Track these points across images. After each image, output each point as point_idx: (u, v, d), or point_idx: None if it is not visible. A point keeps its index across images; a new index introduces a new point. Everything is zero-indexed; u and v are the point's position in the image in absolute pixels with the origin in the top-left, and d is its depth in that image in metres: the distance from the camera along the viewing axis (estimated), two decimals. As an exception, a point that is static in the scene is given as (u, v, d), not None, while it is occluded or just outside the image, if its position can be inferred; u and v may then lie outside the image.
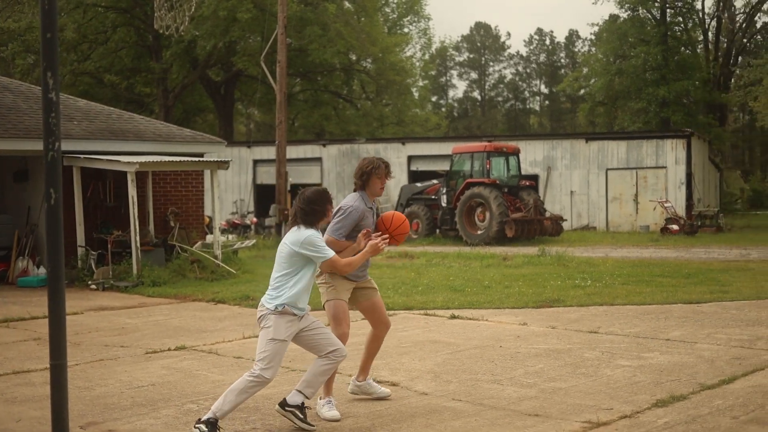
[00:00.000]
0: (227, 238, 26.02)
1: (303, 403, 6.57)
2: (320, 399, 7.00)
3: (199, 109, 55.81)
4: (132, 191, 16.72)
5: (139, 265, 16.73)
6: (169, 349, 10.06)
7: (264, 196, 39.18)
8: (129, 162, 16.60)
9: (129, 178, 16.75)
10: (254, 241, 24.42)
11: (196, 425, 6.27)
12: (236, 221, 33.71)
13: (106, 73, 47.04)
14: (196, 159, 18.61)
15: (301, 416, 6.54)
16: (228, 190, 40.17)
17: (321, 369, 6.62)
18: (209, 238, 20.05)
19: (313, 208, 6.52)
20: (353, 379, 7.59)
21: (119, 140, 18.50)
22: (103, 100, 37.75)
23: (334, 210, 6.96)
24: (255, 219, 34.75)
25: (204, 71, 47.99)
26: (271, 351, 6.41)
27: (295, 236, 6.47)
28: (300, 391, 6.58)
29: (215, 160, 18.56)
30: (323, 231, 6.84)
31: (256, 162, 40.67)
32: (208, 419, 6.26)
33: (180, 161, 17.98)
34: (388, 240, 6.80)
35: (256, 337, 10.67)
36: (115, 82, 48.03)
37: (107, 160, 17.08)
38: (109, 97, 45.87)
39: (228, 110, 51.69)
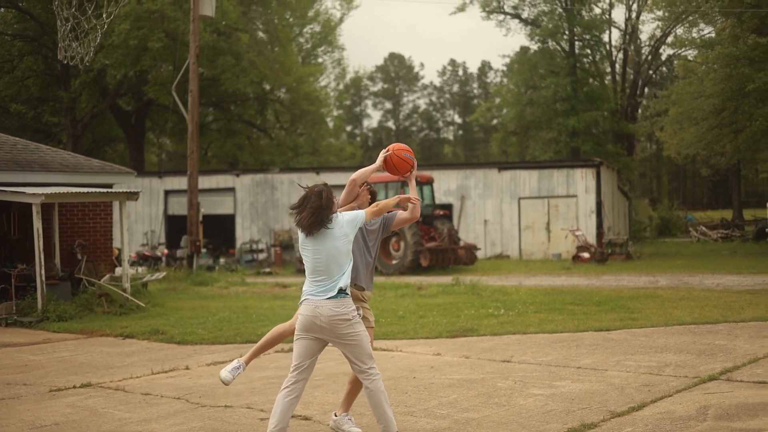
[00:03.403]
0: (137, 270, 25.51)
1: None
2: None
3: (109, 138, 54.75)
4: (37, 223, 16.25)
5: (44, 299, 16.25)
6: (74, 387, 9.75)
7: (175, 226, 38.58)
8: (34, 193, 16.15)
9: (34, 210, 16.28)
10: (165, 273, 24.01)
11: None
12: (147, 253, 33.12)
13: (12, 102, 45.88)
14: (105, 190, 18.22)
15: None
16: (138, 221, 39.48)
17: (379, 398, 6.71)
18: (118, 270, 19.61)
19: (330, 202, 6.65)
20: (333, 413, 7.52)
21: (24, 171, 18.02)
22: (9, 130, 36.72)
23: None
24: (166, 250, 34.19)
25: (114, 100, 47.15)
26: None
27: (341, 226, 6.62)
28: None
29: (124, 191, 18.19)
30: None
31: (167, 192, 40.08)
32: None
33: (87, 192, 17.57)
34: (389, 153, 7.13)
35: (165, 372, 10.50)
36: (22, 112, 46.87)
37: (11, 191, 16.59)
38: (16, 126, 44.68)
39: (139, 140, 50.86)
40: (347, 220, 6.63)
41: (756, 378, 9.09)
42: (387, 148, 7.22)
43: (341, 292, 6.52)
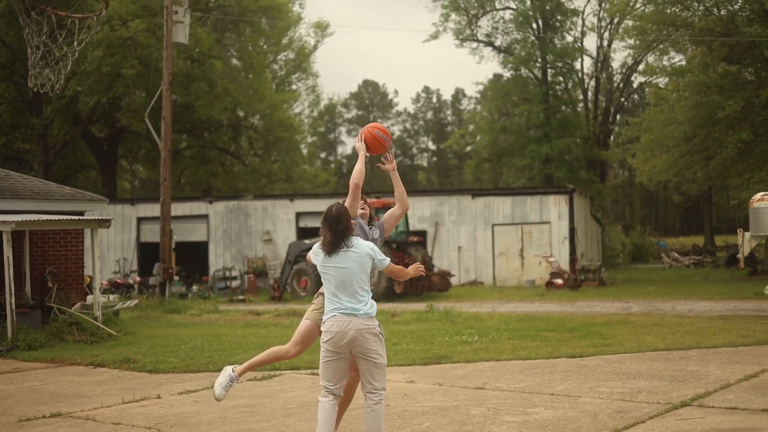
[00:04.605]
0: (108, 298, 25.25)
1: None
2: None
3: (81, 165, 54.45)
4: (7, 251, 16.09)
5: (14, 328, 16.07)
6: (44, 417, 9.63)
7: (148, 254, 38.31)
8: (4, 221, 16.01)
9: (4, 237, 16.12)
10: (137, 301, 23.82)
11: None
12: (119, 281, 32.84)
13: (-17, 129, 45.65)
14: (76, 217, 18.09)
15: None
16: (111, 248, 39.20)
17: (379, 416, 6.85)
18: (90, 298, 19.43)
19: (348, 222, 6.89)
20: None
21: (-6, 199, 17.86)
22: (-20, 157, 36.55)
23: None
24: (138, 278, 33.92)
25: (87, 127, 46.90)
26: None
27: (362, 249, 6.86)
28: None
29: (96, 218, 18.07)
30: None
31: (140, 219, 39.83)
32: None
33: (59, 220, 17.43)
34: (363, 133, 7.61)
35: (136, 401, 10.39)
36: (-7, 139, 46.63)
37: (-19, 219, 16.43)
38: (-14, 154, 44.48)
39: (112, 167, 50.59)
40: (369, 247, 6.89)
41: (728, 404, 9.13)
42: (360, 132, 7.49)
43: (367, 314, 6.75)
